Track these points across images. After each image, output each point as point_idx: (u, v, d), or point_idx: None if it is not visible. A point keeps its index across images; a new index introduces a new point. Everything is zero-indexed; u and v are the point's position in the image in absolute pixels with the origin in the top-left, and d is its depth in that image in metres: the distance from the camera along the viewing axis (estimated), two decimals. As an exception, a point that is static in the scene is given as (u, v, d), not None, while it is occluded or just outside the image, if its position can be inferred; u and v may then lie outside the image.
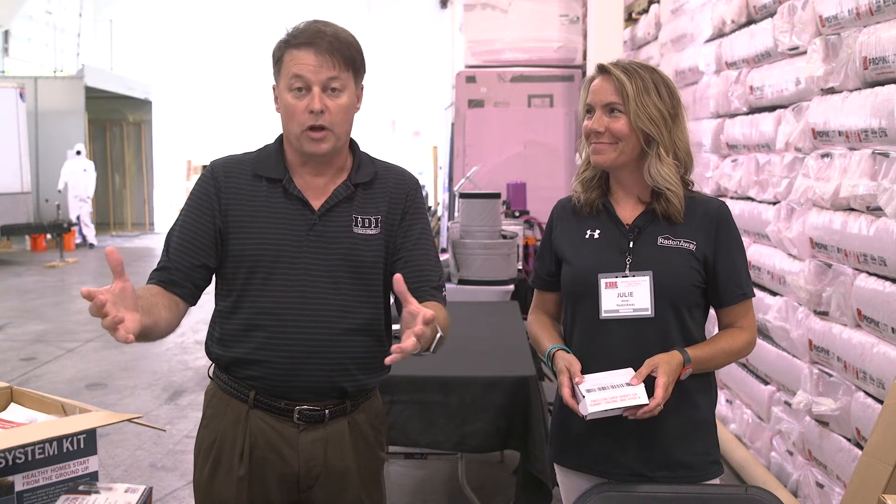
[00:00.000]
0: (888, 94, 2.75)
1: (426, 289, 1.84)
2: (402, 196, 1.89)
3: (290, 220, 1.80)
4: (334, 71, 1.74)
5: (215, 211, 1.81)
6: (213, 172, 1.85)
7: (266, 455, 1.81)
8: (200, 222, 1.82)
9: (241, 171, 1.84)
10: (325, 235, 1.80)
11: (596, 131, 1.85)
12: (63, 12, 18.67)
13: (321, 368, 1.79)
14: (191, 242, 1.81)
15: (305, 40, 1.74)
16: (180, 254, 1.81)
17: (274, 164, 1.84)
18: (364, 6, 19.23)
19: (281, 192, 1.82)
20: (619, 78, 1.83)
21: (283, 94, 1.77)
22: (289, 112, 1.77)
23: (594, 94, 1.87)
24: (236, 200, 1.82)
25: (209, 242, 1.81)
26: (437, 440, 2.93)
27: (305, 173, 1.83)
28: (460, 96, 7.84)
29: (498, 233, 4.99)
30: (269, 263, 1.78)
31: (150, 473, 4.23)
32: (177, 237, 1.83)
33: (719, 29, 4.61)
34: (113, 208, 18.13)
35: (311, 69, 1.73)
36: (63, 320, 8.29)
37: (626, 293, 1.84)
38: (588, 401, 1.74)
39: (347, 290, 1.80)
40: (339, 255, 1.80)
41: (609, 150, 1.85)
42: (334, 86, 1.75)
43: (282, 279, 1.78)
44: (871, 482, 2.22)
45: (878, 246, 2.77)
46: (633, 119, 1.82)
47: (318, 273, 1.79)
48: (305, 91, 1.74)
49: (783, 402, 3.68)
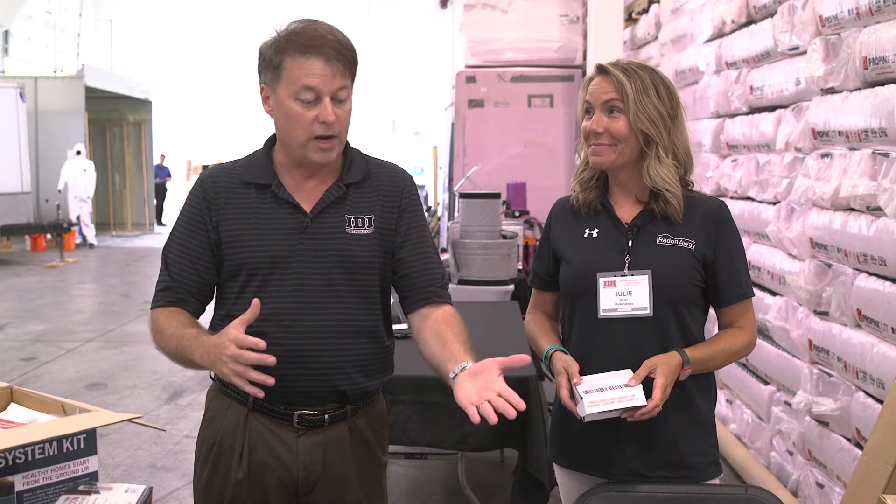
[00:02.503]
0: (888, 94, 2.75)
1: (433, 289, 1.86)
2: (395, 194, 1.86)
3: (282, 225, 1.78)
4: (343, 80, 1.73)
5: (207, 225, 1.80)
6: (202, 185, 1.84)
7: (265, 459, 1.80)
8: (195, 239, 1.81)
9: (230, 179, 1.82)
10: (317, 237, 1.79)
11: (595, 132, 1.85)
12: (63, 12, 18.68)
13: (319, 372, 1.78)
14: (189, 259, 1.81)
15: (310, 45, 1.69)
16: (181, 272, 1.81)
17: (262, 170, 1.82)
18: (364, 6, 19.23)
19: (270, 198, 1.80)
20: (619, 78, 1.82)
21: (286, 101, 1.72)
22: (293, 120, 1.73)
23: (593, 94, 1.86)
24: (227, 211, 1.80)
25: (207, 257, 1.81)
26: (437, 439, 2.93)
27: (297, 176, 1.81)
28: (460, 96, 7.84)
29: (498, 233, 4.99)
30: (264, 270, 1.77)
31: (150, 473, 4.23)
32: (175, 255, 1.82)
33: (719, 29, 4.61)
34: (113, 208, 18.13)
35: (322, 80, 1.69)
36: (63, 320, 8.29)
37: (625, 292, 1.84)
38: (586, 402, 1.74)
39: (343, 292, 1.79)
40: (332, 257, 1.79)
41: (608, 151, 1.84)
42: (342, 95, 1.74)
43: (277, 285, 1.77)
44: (871, 482, 2.22)
45: (878, 246, 2.77)
46: (632, 120, 1.81)
47: (312, 276, 1.78)
48: (315, 101, 1.71)
49: (783, 402, 3.68)
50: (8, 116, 13.13)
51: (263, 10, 19.23)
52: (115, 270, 12.21)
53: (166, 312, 1.79)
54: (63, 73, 18.07)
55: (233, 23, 20.04)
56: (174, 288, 1.80)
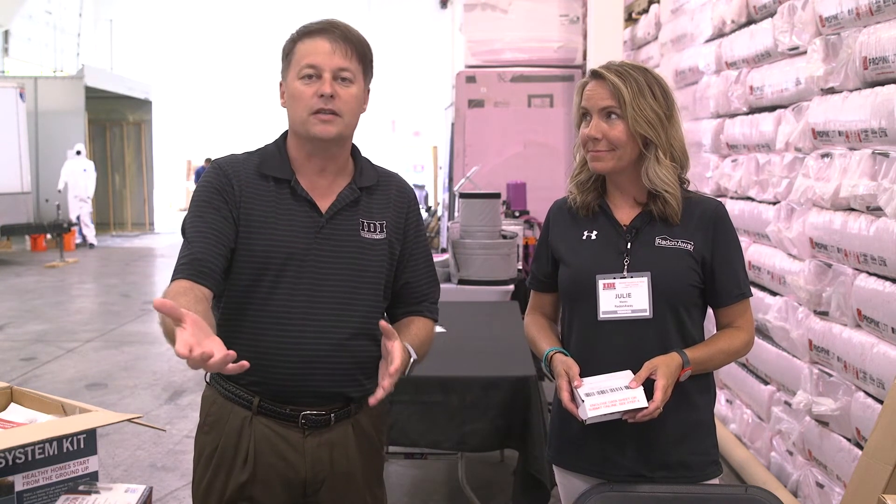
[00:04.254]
0: (888, 94, 2.75)
1: (426, 304, 1.93)
2: (404, 206, 1.90)
3: (299, 222, 1.78)
4: (346, 60, 1.74)
5: (230, 203, 1.76)
6: (220, 168, 1.80)
7: (271, 461, 1.80)
8: (218, 213, 1.75)
9: (247, 169, 1.81)
10: (332, 238, 1.79)
11: (594, 138, 1.84)
12: (63, 12, 18.69)
13: (327, 375, 1.78)
14: (212, 232, 1.73)
15: (317, 29, 1.75)
16: (204, 244, 1.71)
17: (279, 164, 1.81)
18: (364, 6, 19.23)
19: (289, 193, 1.79)
20: (614, 82, 1.81)
21: (292, 82, 1.75)
22: (296, 97, 1.74)
23: (589, 100, 1.85)
24: (246, 198, 1.77)
25: (229, 231, 1.74)
26: (437, 440, 2.94)
27: (310, 171, 1.81)
28: (460, 96, 7.84)
29: (498, 233, 4.99)
30: (277, 266, 1.75)
31: (150, 473, 4.23)
32: (196, 230, 1.73)
33: (719, 29, 4.61)
34: (113, 208, 18.12)
35: (323, 56, 1.73)
36: (63, 320, 8.29)
37: (625, 294, 1.84)
38: (587, 405, 1.73)
39: (353, 295, 1.79)
40: (346, 260, 1.79)
41: (608, 157, 1.84)
42: (345, 76, 1.75)
43: (290, 283, 1.76)
44: (871, 482, 2.22)
45: (878, 246, 2.77)
46: (630, 125, 1.81)
47: (325, 277, 1.77)
48: (316, 78, 1.73)
49: (783, 402, 3.68)
50: (8, 116, 13.13)
51: (263, 10, 19.26)
52: (115, 270, 12.20)
53: (182, 288, 1.64)
54: (63, 73, 18.08)
55: (233, 23, 20.06)
56: (198, 260, 1.68)
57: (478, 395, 2.90)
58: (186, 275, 1.66)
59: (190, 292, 1.62)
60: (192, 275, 1.66)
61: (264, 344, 1.76)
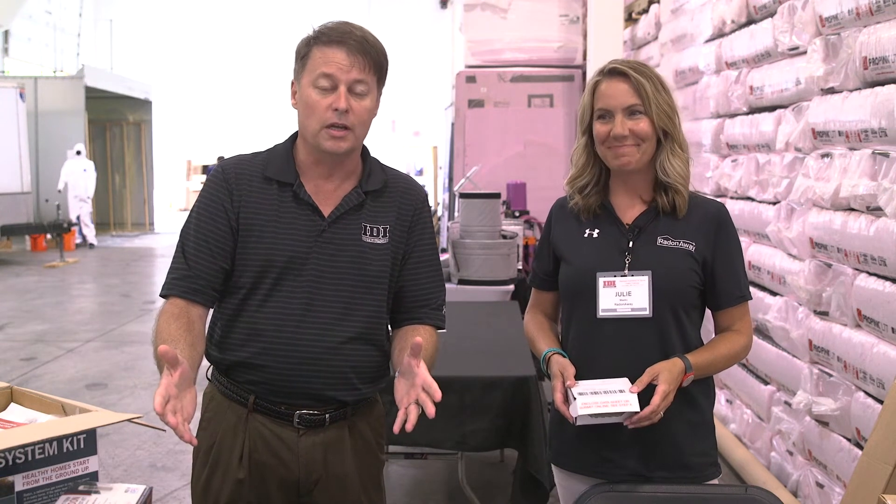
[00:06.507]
0: (888, 94, 2.75)
1: (426, 310, 1.88)
2: (410, 209, 1.88)
3: (300, 226, 1.78)
4: (362, 73, 1.73)
5: (229, 212, 1.78)
6: (224, 173, 1.81)
7: (265, 459, 1.80)
8: (216, 225, 1.78)
9: (251, 172, 1.81)
10: (333, 242, 1.79)
11: (621, 136, 1.83)
12: (63, 12, 18.68)
13: (322, 377, 1.78)
14: (208, 246, 1.77)
15: (336, 38, 1.73)
16: (199, 259, 1.76)
17: (284, 167, 1.81)
18: (364, 6, 19.22)
19: (291, 197, 1.79)
20: (637, 79, 1.82)
21: (306, 89, 1.74)
22: (310, 108, 1.74)
23: (611, 99, 1.84)
24: (247, 202, 1.78)
25: (227, 245, 1.78)
26: (437, 439, 2.93)
27: (316, 176, 1.81)
28: (460, 96, 7.84)
29: (498, 233, 4.99)
30: (277, 270, 1.76)
31: (150, 473, 4.23)
32: (193, 241, 1.78)
33: (719, 29, 4.61)
34: (113, 208, 18.13)
35: (340, 68, 1.71)
36: (63, 320, 8.29)
37: (625, 293, 1.84)
38: (579, 403, 1.74)
39: (352, 299, 1.79)
40: (346, 263, 1.79)
41: (634, 151, 1.84)
42: (360, 89, 1.74)
43: (289, 286, 1.76)
44: (871, 482, 2.22)
45: (878, 246, 2.77)
46: (655, 119, 1.82)
47: (324, 280, 1.77)
48: (331, 89, 1.72)
49: (783, 402, 3.68)
50: (8, 116, 13.13)
51: (263, 10, 19.25)
52: (115, 270, 12.20)
53: (176, 310, 1.71)
54: (63, 73, 18.07)
55: (233, 23, 20.05)
56: (191, 276, 1.75)
57: (478, 395, 2.90)
58: (180, 291, 1.75)
59: (183, 316, 1.70)
60: (185, 292, 1.75)
61: (261, 343, 1.77)
